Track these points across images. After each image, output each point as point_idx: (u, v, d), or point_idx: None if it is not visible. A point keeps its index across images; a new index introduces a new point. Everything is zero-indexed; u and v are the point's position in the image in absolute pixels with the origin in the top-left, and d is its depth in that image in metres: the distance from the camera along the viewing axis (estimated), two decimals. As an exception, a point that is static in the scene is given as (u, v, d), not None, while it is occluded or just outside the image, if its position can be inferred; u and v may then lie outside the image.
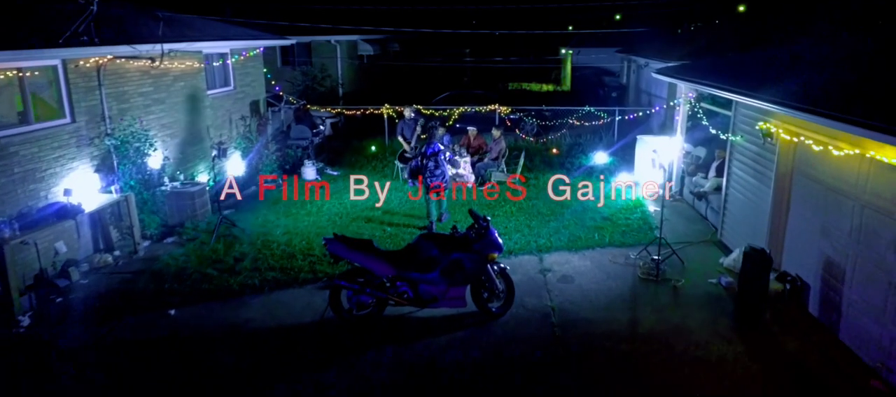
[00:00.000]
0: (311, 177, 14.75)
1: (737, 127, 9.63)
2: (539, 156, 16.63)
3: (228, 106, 14.96)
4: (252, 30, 17.05)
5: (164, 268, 9.32)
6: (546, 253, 9.84)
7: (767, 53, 10.76)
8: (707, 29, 21.08)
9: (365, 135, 18.92)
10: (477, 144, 14.24)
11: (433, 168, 10.75)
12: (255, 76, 16.49)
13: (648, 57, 20.82)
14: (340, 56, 23.11)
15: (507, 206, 12.16)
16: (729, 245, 9.84)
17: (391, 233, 10.71)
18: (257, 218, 11.73)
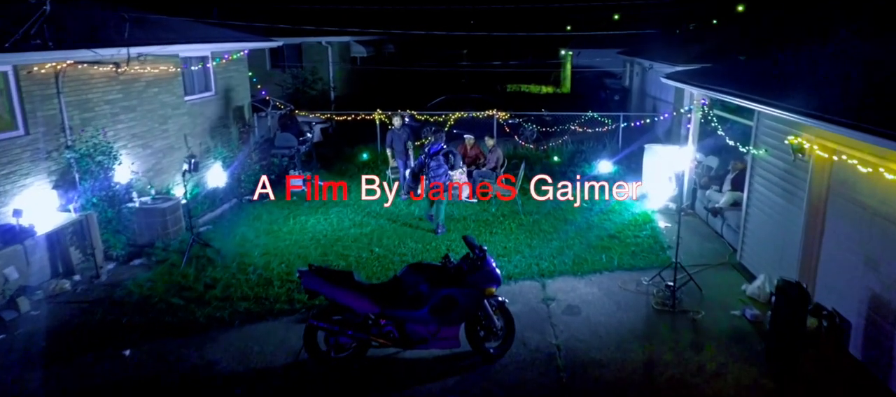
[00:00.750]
0: (297, 187, 13.80)
1: (759, 139, 8.73)
2: (539, 164, 15.71)
3: (209, 112, 14.04)
4: (236, 31, 16.13)
5: (126, 296, 8.39)
6: (549, 278, 8.92)
7: (794, 56, 9.85)
8: (715, 29, 20.17)
9: (357, 142, 17.98)
10: (474, 153, 13.33)
11: (436, 167, 10.77)
12: (238, 80, 15.57)
13: (653, 59, 19.92)
14: (332, 58, 22.19)
15: (506, 223, 11.24)
16: (750, 269, 8.93)
17: (379, 255, 9.79)
18: (235, 236, 10.81)
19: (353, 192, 13.52)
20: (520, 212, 11.85)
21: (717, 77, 10.59)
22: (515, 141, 17.48)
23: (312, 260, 9.59)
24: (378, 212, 12.03)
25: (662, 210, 12.10)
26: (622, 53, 25.62)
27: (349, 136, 18.56)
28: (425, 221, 11.41)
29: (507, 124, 17.45)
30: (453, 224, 11.22)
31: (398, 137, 13.12)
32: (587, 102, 26.56)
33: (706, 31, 20.48)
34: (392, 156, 13.43)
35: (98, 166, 9.60)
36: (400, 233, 10.82)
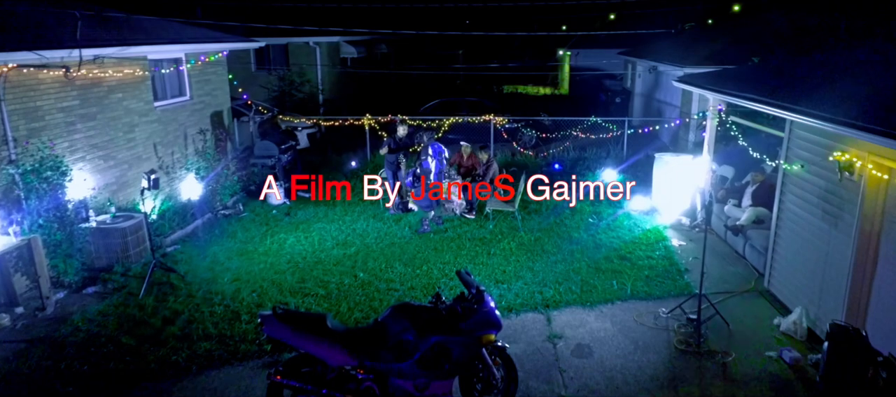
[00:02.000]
0: (278, 201, 12.76)
1: (793, 152, 7.71)
2: (539, 172, 14.66)
3: (183, 119, 12.95)
4: (214, 31, 15.04)
5: (72, 333, 7.33)
6: (555, 309, 7.89)
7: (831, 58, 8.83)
8: (724, 29, 19.14)
9: (346, 148, 16.95)
10: (470, 163, 12.28)
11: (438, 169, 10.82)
12: (217, 84, 14.48)
13: (658, 60, 18.92)
14: (320, 59, 21.11)
15: (505, 242, 10.20)
16: (781, 298, 7.91)
17: (363, 282, 8.73)
18: (205, 258, 9.75)
19: (339, 206, 12.48)
20: (520, 228, 10.81)
21: (736, 81, 9.59)
22: (513, 147, 16.46)
23: (288, 288, 8.54)
24: (364, 229, 10.97)
25: (675, 225, 11.09)
26: (623, 54, 24.63)
27: (338, 142, 17.51)
28: (415, 239, 10.37)
29: (504, 129, 16.43)
30: (446, 243, 10.18)
31: (390, 162, 12.02)
32: (586, 104, 25.60)
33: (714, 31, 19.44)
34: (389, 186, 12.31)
35: (45, 183, 8.51)
36: (387, 254, 9.77)
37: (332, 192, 13.27)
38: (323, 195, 12.16)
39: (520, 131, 17.57)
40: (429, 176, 10.95)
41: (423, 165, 11.06)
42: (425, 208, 11.03)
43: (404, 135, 11.96)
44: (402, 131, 11.95)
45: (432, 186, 10.97)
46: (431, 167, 11.07)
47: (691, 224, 11.04)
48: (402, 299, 8.14)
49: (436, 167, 11.12)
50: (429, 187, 10.93)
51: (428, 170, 11.03)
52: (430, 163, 11.07)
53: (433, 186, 10.98)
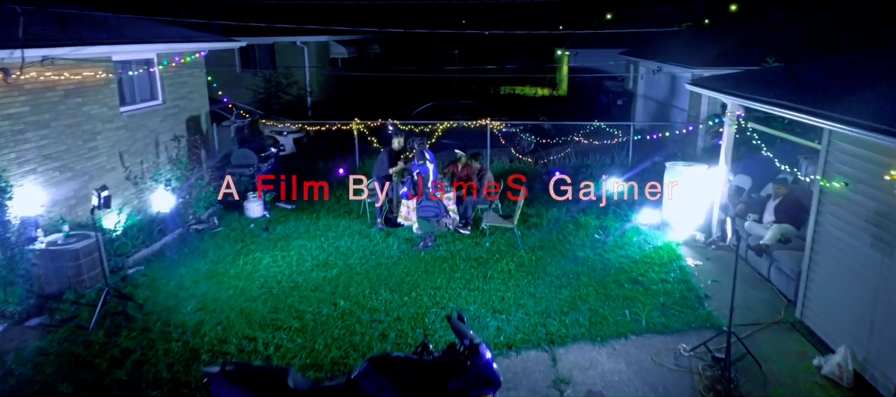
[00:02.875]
0: (257, 213, 11.77)
1: (832, 167, 6.76)
2: (539, 181, 13.73)
3: (154, 125, 11.95)
4: (191, 30, 14.05)
5: (2, 378, 6.32)
6: (560, 346, 6.91)
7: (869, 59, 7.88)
8: (731, 27, 18.17)
9: (334, 154, 15.95)
10: (465, 174, 11.29)
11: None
12: (193, 86, 13.48)
13: (663, 61, 17.96)
14: (308, 60, 20.12)
15: (503, 262, 9.22)
16: (819, 332, 6.96)
17: (343, 311, 7.75)
18: (170, 281, 8.75)
19: (322, 219, 11.49)
20: (519, 246, 9.84)
21: (760, 85, 8.65)
22: (511, 152, 15.49)
23: (259, 319, 7.56)
24: (348, 247, 9.98)
25: (689, 242, 10.13)
26: (625, 54, 23.67)
27: (325, 148, 16.52)
28: (404, 259, 9.40)
29: (501, 134, 15.46)
30: (438, 264, 9.19)
31: (382, 163, 10.96)
32: (586, 106, 24.67)
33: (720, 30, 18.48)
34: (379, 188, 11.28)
35: (-19, 201, 7.52)
36: (372, 277, 8.78)
37: (315, 204, 12.38)
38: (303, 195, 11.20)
39: (517, 136, 16.60)
40: (427, 180, 10.03)
41: (422, 170, 10.10)
42: (432, 218, 10.03)
43: (400, 149, 10.96)
44: (398, 144, 10.94)
45: (434, 185, 10.20)
46: (430, 170, 10.14)
47: (707, 240, 10.09)
48: (386, 333, 7.17)
49: (433, 174, 10.18)
50: (429, 190, 10.05)
51: (427, 173, 10.09)
52: (429, 167, 10.13)
53: (436, 185, 10.23)
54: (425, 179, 9.94)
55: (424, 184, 9.90)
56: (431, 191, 10.03)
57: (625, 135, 14.60)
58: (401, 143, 10.92)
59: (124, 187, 10.96)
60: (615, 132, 14.46)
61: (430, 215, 9.88)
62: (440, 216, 9.86)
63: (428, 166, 9.98)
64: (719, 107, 14.95)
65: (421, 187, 10.12)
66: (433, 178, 10.04)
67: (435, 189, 10.04)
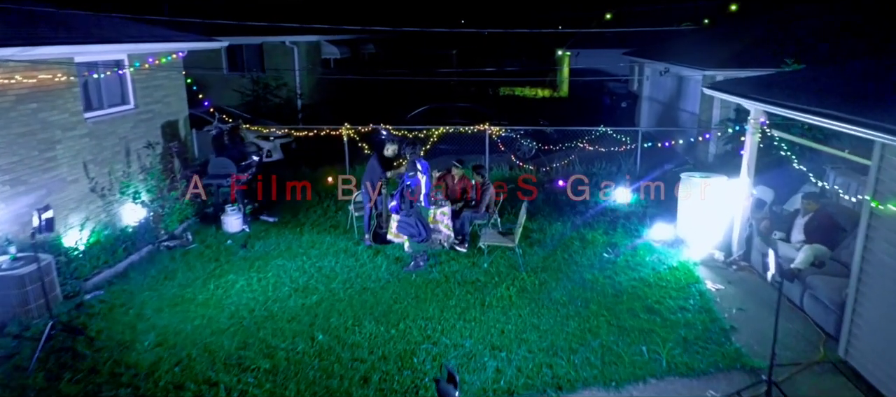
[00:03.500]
0: (236, 228, 10.84)
1: (885, 186, 5.83)
2: (541, 190, 12.81)
3: (125, 131, 11.01)
4: (168, 29, 13.13)
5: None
6: (569, 392, 5.99)
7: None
8: (741, 27, 17.21)
9: (322, 161, 15.01)
10: (461, 186, 10.34)
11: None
12: (170, 89, 12.56)
13: (671, 61, 17.04)
14: (298, 60, 19.18)
15: (502, 287, 8.29)
16: (869, 377, 6.03)
17: (322, 348, 6.81)
18: (130, 308, 7.82)
19: (306, 234, 10.57)
20: (520, 267, 8.90)
21: (788, 90, 7.73)
22: (510, 160, 14.58)
23: (224, 357, 6.63)
24: (331, 268, 9.05)
25: (707, 262, 9.20)
26: (629, 54, 22.76)
27: (313, 155, 15.58)
28: (393, 282, 8.47)
29: (500, 140, 14.54)
30: (430, 288, 8.26)
31: (374, 169, 9.99)
32: (589, 109, 23.76)
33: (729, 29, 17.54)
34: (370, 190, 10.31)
35: None
36: (356, 304, 7.85)
37: (300, 217, 11.47)
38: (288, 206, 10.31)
39: (517, 141, 15.69)
40: (418, 193, 9.11)
41: (412, 183, 9.17)
42: (418, 239, 9.10)
43: (393, 156, 10.02)
44: (391, 150, 9.99)
45: (427, 197, 9.31)
46: (422, 182, 9.20)
47: (727, 260, 9.16)
48: (368, 375, 6.25)
49: (425, 186, 9.25)
50: (419, 205, 9.13)
51: (417, 186, 9.16)
52: (420, 179, 9.19)
53: (432, 198, 9.40)
54: (416, 192, 9.01)
55: (413, 196, 8.97)
56: (424, 204, 9.12)
57: (632, 142, 13.67)
58: (394, 151, 9.98)
59: (89, 200, 10.03)
60: (622, 138, 13.54)
61: (409, 234, 8.93)
62: (420, 237, 8.90)
63: (419, 178, 9.05)
64: (733, 111, 14.06)
65: (413, 199, 9.21)
66: (426, 191, 9.10)
67: (429, 203, 9.12)
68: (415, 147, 9.39)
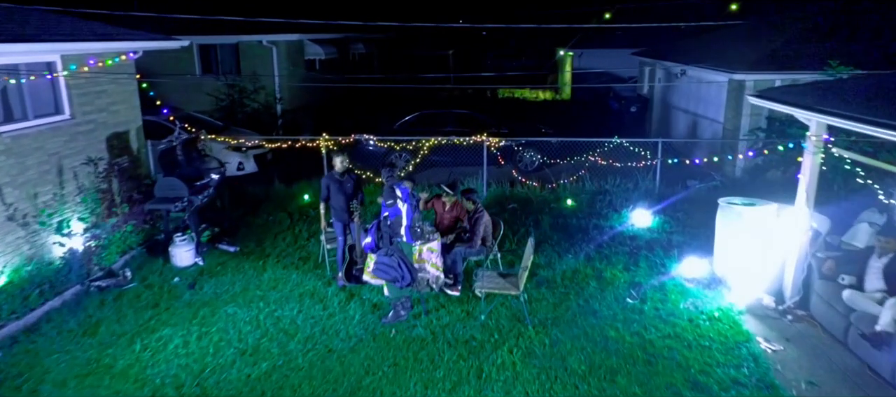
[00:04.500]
0: (187, 261, 9.13)
1: None
2: (547, 210, 11.12)
3: (57, 146, 9.28)
4: (114, 26, 11.40)
5: None
6: None
7: None
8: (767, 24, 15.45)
9: (301, 174, 13.27)
10: (453, 216, 8.60)
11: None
12: (119, 96, 10.83)
13: (689, 62, 15.32)
14: (277, 61, 17.46)
15: (504, 349, 6.57)
16: None
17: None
18: (28, 380, 6.10)
19: (269, 270, 8.86)
20: (526, 320, 7.18)
21: (859, 99, 6.04)
22: (511, 174, 12.86)
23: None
24: (292, 318, 7.33)
25: (755, 309, 7.50)
26: (639, 54, 21.06)
27: (290, 169, 13.87)
28: (367, 340, 6.76)
29: (499, 153, 12.85)
30: (413, 351, 6.55)
31: (339, 188, 8.33)
32: (594, 113, 22.04)
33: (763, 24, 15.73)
34: (328, 213, 8.62)
35: None
36: (317, 376, 6.13)
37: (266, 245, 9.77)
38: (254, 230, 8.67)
39: (518, 153, 14.00)
40: (397, 231, 7.34)
41: (391, 214, 7.43)
42: (401, 284, 7.30)
43: (340, 173, 8.31)
44: (340, 164, 8.29)
45: (411, 230, 7.43)
46: (403, 215, 7.44)
47: (780, 308, 7.46)
48: None
49: (407, 217, 7.47)
50: (398, 241, 7.37)
51: (397, 217, 7.39)
52: (400, 208, 7.43)
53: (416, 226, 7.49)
54: (396, 226, 7.27)
55: (393, 231, 7.23)
56: (406, 238, 7.39)
57: (652, 155, 11.95)
58: (343, 164, 8.29)
59: (7, 230, 8.31)
60: (641, 151, 11.85)
61: (388, 278, 7.19)
62: (404, 281, 7.13)
63: (400, 207, 7.32)
64: (764, 119, 12.39)
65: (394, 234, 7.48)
66: (407, 223, 7.35)
67: (411, 237, 7.38)
68: (391, 170, 7.65)
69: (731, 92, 12.86)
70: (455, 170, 13.67)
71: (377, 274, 7.13)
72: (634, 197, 11.48)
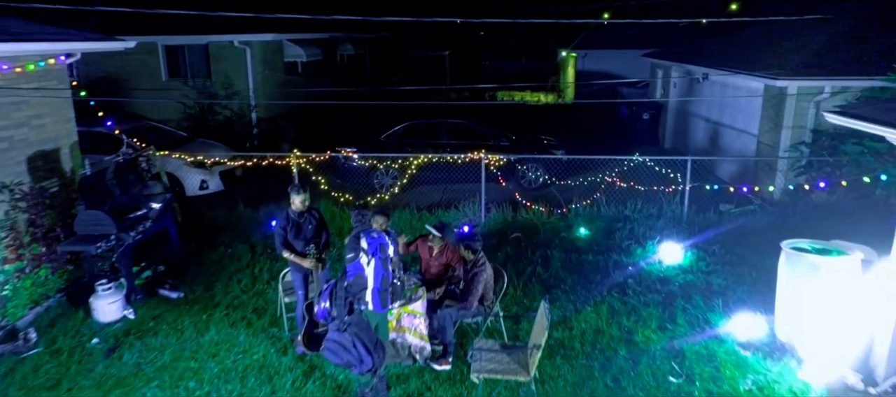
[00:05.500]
0: (112, 315, 7.33)
1: None
2: (557, 242, 9.34)
3: (-45, 170, 7.51)
4: (42, 26, 9.61)
5: None
6: None
7: None
8: (821, 23, 13.44)
9: (270, 196, 11.43)
10: (442, 263, 6.78)
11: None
12: (47, 108, 9.05)
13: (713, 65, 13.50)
14: (252, 64, 15.67)
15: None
16: None
17: None
18: None
19: (212, 328, 7.07)
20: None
21: None
22: (514, 196, 11.07)
23: None
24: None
25: (837, 392, 5.72)
26: (650, 56, 19.26)
27: (263, 187, 12.07)
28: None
29: (500, 174, 11.08)
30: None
31: (296, 232, 6.53)
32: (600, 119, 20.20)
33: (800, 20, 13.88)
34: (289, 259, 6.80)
35: None
36: None
37: (216, 290, 8.01)
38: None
39: (520, 170, 12.23)
40: (359, 296, 5.50)
41: (350, 270, 5.60)
42: (358, 370, 5.44)
43: (300, 211, 6.53)
44: (300, 203, 6.50)
45: (379, 294, 5.51)
46: (369, 275, 5.56)
47: (873, 390, 5.68)
48: None
49: (375, 277, 5.60)
50: (362, 309, 5.52)
51: (360, 280, 5.53)
52: (364, 265, 5.56)
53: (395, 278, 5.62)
54: (354, 288, 5.41)
55: (353, 296, 5.38)
56: (372, 305, 5.55)
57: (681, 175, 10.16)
58: (303, 202, 6.51)
59: None
60: (669, 172, 10.08)
61: (339, 363, 5.32)
62: (362, 367, 5.24)
63: (362, 263, 5.46)
64: (808, 133, 10.66)
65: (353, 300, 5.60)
66: (374, 286, 5.49)
67: (379, 304, 5.54)
68: (363, 215, 5.83)
69: (769, 100, 11.09)
70: (450, 187, 11.91)
71: (326, 355, 5.31)
72: (659, 225, 9.72)
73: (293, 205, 6.50)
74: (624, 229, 9.68)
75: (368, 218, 5.70)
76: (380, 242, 5.42)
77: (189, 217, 10.74)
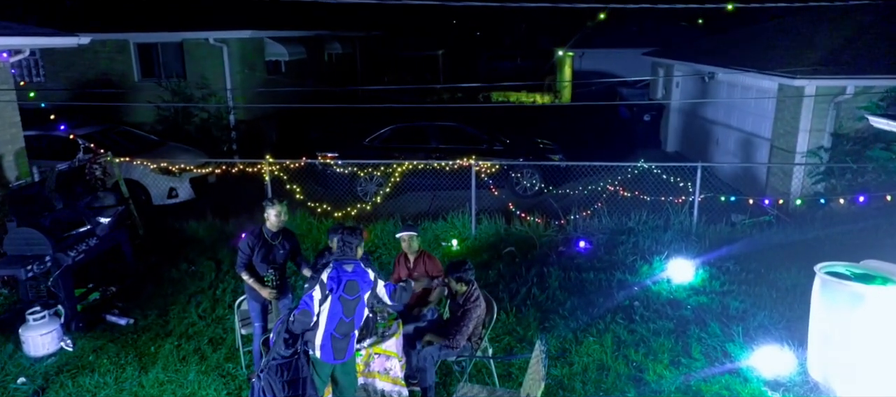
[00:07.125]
0: (46, 348, 6.39)
1: None
2: (553, 258, 8.45)
3: None
4: None
5: None
6: None
7: None
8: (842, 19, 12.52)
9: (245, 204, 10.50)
10: (420, 273, 5.82)
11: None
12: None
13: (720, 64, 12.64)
14: (229, 63, 14.72)
15: None
16: None
17: None
18: None
19: (159, 363, 6.14)
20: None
21: None
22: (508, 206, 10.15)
23: None
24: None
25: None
26: (650, 54, 18.39)
27: (235, 195, 11.15)
28: None
29: (491, 182, 10.17)
30: None
31: (266, 254, 5.58)
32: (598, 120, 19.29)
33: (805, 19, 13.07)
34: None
35: None
36: None
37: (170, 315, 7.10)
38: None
39: (514, 176, 11.34)
40: (311, 341, 4.53)
41: (301, 303, 4.59)
42: None
43: (278, 230, 5.63)
44: (276, 219, 5.58)
45: (331, 339, 4.49)
46: (321, 315, 4.53)
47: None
48: None
49: (330, 318, 4.53)
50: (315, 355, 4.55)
51: (306, 317, 4.49)
52: (314, 306, 4.50)
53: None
54: (299, 325, 4.42)
55: (298, 334, 4.43)
56: (319, 353, 4.56)
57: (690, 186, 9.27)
58: (279, 219, 5.58)
59: None
60: (679, 181, 9.20)
61: None
62: None
63: (313, 299, 4.45)
64: (827, 137, 9.81)
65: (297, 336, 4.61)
66: (326, 330, 4.49)
67: (330, 352, 4.55)
68: (347, 243, 4.68)
69: (784, 101, 10.22)
70: (439, 194, 11.03)
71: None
72: (666, 239, 8.84)
73: (268, 220, 5.57)
74: (628, 243, 8.80)
75: (354, 247, 4.65)
76: (350, 279, 4.44)
77: (153, 229, 9.82)
